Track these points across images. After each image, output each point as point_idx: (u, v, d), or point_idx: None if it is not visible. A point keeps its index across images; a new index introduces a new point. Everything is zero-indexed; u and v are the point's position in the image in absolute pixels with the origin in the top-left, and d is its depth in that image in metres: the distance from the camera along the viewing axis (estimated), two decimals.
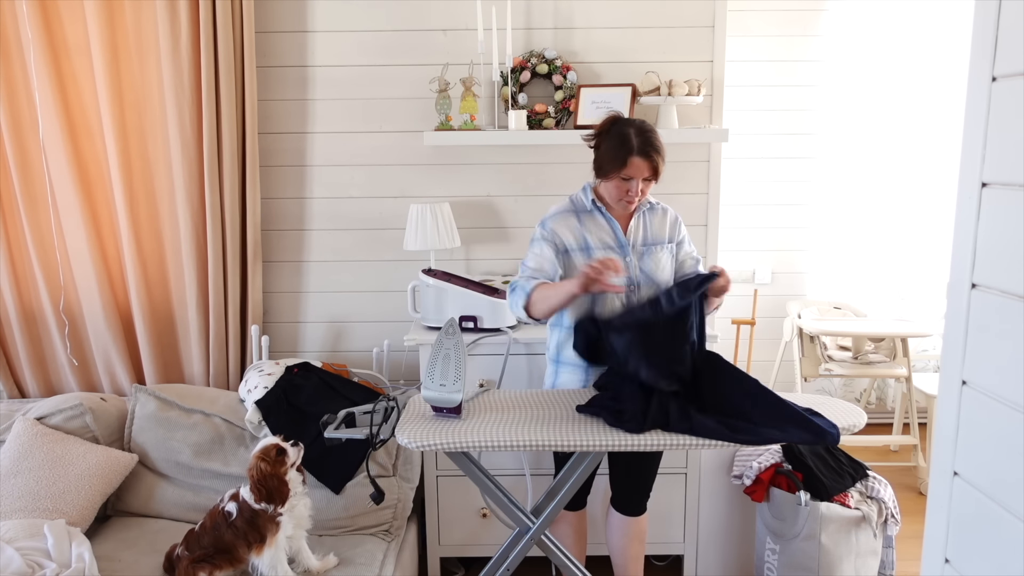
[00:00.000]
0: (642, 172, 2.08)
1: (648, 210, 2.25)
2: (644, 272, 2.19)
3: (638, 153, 2.06)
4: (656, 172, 2.10)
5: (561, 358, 2.25)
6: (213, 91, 2.74)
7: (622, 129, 2.09)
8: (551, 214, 2.22)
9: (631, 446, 1.84)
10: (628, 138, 2.07)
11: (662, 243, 2.24)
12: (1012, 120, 0.95)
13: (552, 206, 2.26)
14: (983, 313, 1.02)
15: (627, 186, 2.10)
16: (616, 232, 2.19)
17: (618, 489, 2.37)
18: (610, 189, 2.14)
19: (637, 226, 2.22)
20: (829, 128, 3.86)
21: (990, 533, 1.01)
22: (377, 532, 2.47)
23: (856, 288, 3.99)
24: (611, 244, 2.18)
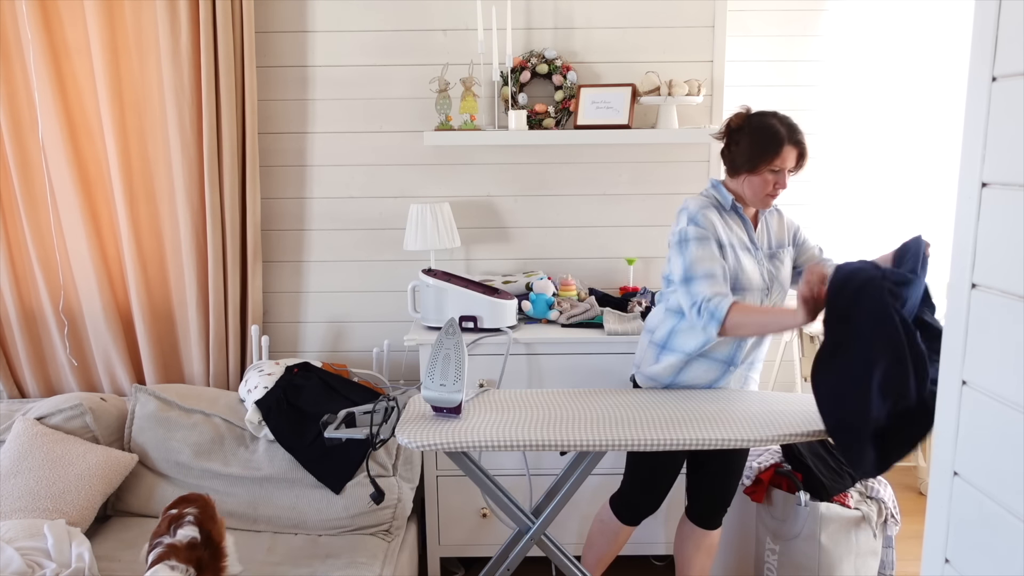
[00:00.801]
0: (791, 161, 2.07)
1: (767, 215, 2.22)
2: (774, 276, 2.17)
3: (789, 141, 2.05)
4: (804, 155, 2.09)
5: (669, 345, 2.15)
6: (213, 91, 2.74)
7: (764, 121, 2.08)
8: (697, 208, 2.08)
9: (633, 445, 1.84)
10: (775, 128, 2.06)
11: (784, 246, 2.22)
12: (1012, 120, 0.95)
13: (688, 201, 2.12)
14: (983, 313, 1.02)
15: (776, 178, 2.07)
16: (751, 234, 2.16)
17: (697, 500, 2.27)
18: (755, 184, 2.08)
19: (763, 229, 2.20)
20: (829, 128, 3.86)
21: (990, 533, 1.01)
22: (377, 532, 2.47)
23: None
24: (747, 245, 2.14)
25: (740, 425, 1.88)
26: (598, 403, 2.08)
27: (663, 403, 2.06)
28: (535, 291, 2.76)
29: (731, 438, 1.82)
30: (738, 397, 2.12)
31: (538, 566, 2.56)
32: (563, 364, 2.62)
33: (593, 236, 3.03)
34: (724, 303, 1.95)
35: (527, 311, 2.74)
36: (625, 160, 2.97)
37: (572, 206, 3.01)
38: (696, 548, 2.30)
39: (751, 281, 2.11)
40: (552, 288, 2.78)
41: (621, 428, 1.89)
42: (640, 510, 2.25)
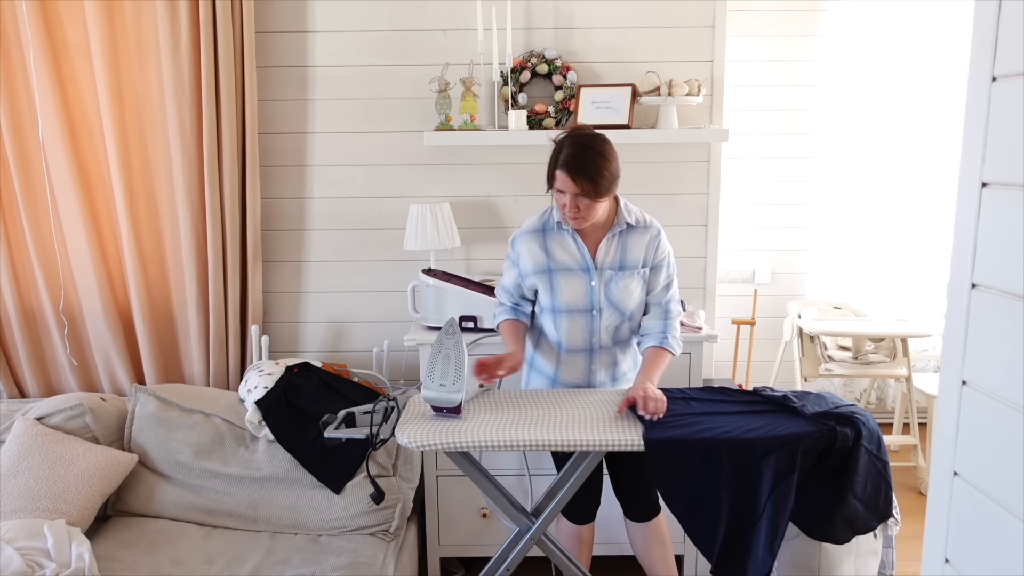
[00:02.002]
0: (569, 188, 1.99)
1: (625, 230, 2.15)
2: (609, 299, 2.14)
3: (561, 167, 1.99)
4: (585, 191, 1.97)
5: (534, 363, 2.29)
6: (213, 91, 2.74)
7: (563, 143, 2.03)
8: (519, 232, 2.22)
9: (631, 446, 1.84)
10: (560, 151, 2.01)
11: (635, 267, 2.14)
12: (1012, 120, 0.95)
13: (527, 218, 2.24)
14: (983, 313, 1.02)
15: (563, 200, 2.03)
16: (583, 254, 2.13)
17: (622, 498, 2.33)
18: (557, 201, 2.09)
19: (608, 248, 2.14)
20: (829, 128, 3.86)
21: (990, 533, 1.01)
22: (377, 532, 2.47)
23: (856, 288, 3.99)
24: (573, 266, 2.13)
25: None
26: (598, 403, 2.08)
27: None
28: None
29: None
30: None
31: (538, 566, 2.56)
32: None
33: None
34: (496, 319, 2.28)
35: None
36: (625, 160, 2.93)
37: None
38: (645, 541, 2.35)
39: (572, 302, 2.14)
40: None
41: (622, 428, 1.89)
42: (584, 506, 2.31)
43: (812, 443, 1.88)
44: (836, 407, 2.00)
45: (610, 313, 2.15)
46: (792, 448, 1.85)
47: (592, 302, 2.14)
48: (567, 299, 2.14)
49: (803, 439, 1.87)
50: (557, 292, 2.14)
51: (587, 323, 2.15)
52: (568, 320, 2.16)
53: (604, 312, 2.15)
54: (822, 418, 1.94)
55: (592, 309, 2.14)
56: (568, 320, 2.16)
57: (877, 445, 1.94)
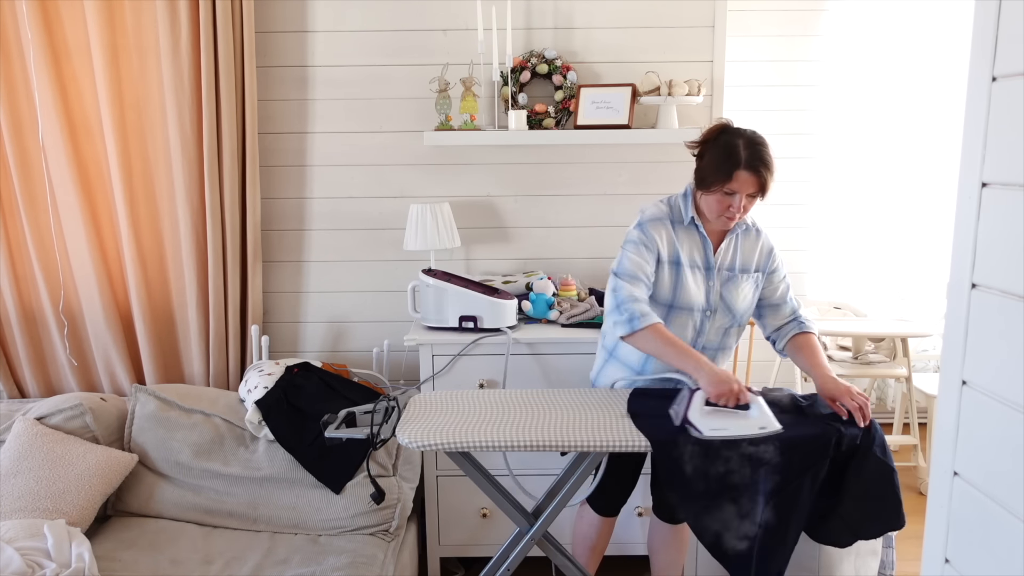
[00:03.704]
0: (748, 187, 1.97)
1: (743, 232, 2.14)
2: (724, 300, 2.12)
3: (746, 167, 1.94)
4: (763, 188, 1.98)
5: (616, 354, 2.20)
6: (213, 91, 2.74)
7: (731, 139, 1.99)
8: (648, 217, 2.10)
9: (635, 447, 1.84)
10: (736, 149, 1.96)
11: (749, 271, 2.13)
12: (1012, 120, 0.95)
13: (647, 205, 2.15)
14: (983, 313, 1.02)
15: (729, 201, 1.99)
16: (707, 252, 2.10)
17: (659, 496, 2.31)
18: (711, 203, 2.02)
19: (728, 248, 2.12)
20: (829, 128, 3.85)
21: (990, 533, 1.01)
22: (377, 532, 2.47)
23: (856, 288, 3.99)
24: (699, 263, 2.10)
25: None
26: (598, 403, 2.08)
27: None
28: (535, 291, 2.76)
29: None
30: None
31: (538, 566, 2.56)
32: (563, 364, 2.62)
33: (593, 236, 3.03)
34: (648, 319, 1.97)
35: (527, 311, 2.74)
36: (625, 160, 2.97)
37: (572, 206, 3.01)
38: (663, 542, 2.35)
39: (690, 300, 2.10)
40: (552, 288, 2.78)
41: (622, 428, 1.89)
42: (612, 500, 2.30)
43: (820, 445, 1.87)
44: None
45: (722, 314, 2.12)
46: (800, 450, 1.85)
47: (709, 302, 2.11)
48: (687, 295, 2.09)
49: (811, 441, 1.87)
50: (681, 287, 2.08)
51: (698, 322, 2.12)
52: (679, 317, 2.10)
53: (717, 313, 2.12)
54: (828, 419, 1.94)
55: (707, 309, 2.11)
56: (679, 317, 2.10)
57: (883, 450, 1.93)
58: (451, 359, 2.62)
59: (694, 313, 2.11)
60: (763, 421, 1.84)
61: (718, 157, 1.99)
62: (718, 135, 2.03)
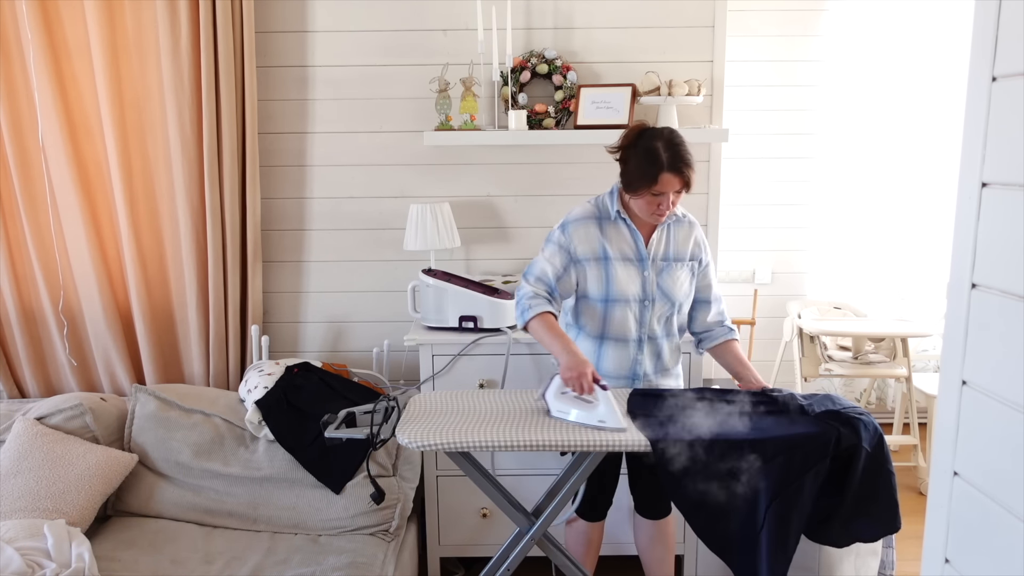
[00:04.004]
0: (673, 187, 2.03)
1: (674, 223, 2.20)
2: (661, 288, 2.17)
3: (669, 169, 2.00)
4: (688, 185, 2.04)
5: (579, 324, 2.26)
6: (213, 91, 2.74)
7: (650, 143, 2.03)
8: (572, 218, 2.19)
9: (632, 446, 1.84)
10: (657, 153, 2.00)
11: (683, 260, 2.20)
12: (1012, 120, 0.95)
13: (576, 207, 2.22)
14: (983, 313, 1.02)
15: (658, 200, 2.05)
16: (638, 244, 2.16)
17: (638, 493, 2.35)
18: (640, 204, 2.09)
19: (659, 239, 2.18)
20: (829, 128, 3.86)
21: (990, 533, 1.01)
22: (377, 532, 2.47)
23: (856, 288, 3.99)
24: (630, 256, 2.15)
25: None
26: None
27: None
28: None
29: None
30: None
31: (538, 566, 2.56)
32: None
33: None
34: (534, 310, 2.08)
35: None
36: None
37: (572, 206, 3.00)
38: (650, 539, 2.37)
39: (624, 292, 2.14)
40: None
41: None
42: (597, 505, 2.33)
43: (820, 444, 1.87)
44: (842, 408, 1.99)
45: (662, 303, 2.17)
46: (800, 449, 1.85)
47: (646, 292, 2.16)
48: (621, 289, 2.14)
49: (811, 440, 1.87)
50: (612, 281, 2.14)
51: (638, 313, 2.16)
52: (619, 310, 2.16)
53: (656, 302, 2.17)
54: (827, 418, 1.94)
55: (645, 299, 2.16)
56: (619, 310, 2.16)
57: (879, 448, 1.93)
58: (451, 359, 2.62)
59: (631, 304, 2.16)
60: (605, 416, 1.89)
61: (641, 162, 2.03)
62: (637, 139, 2.06)
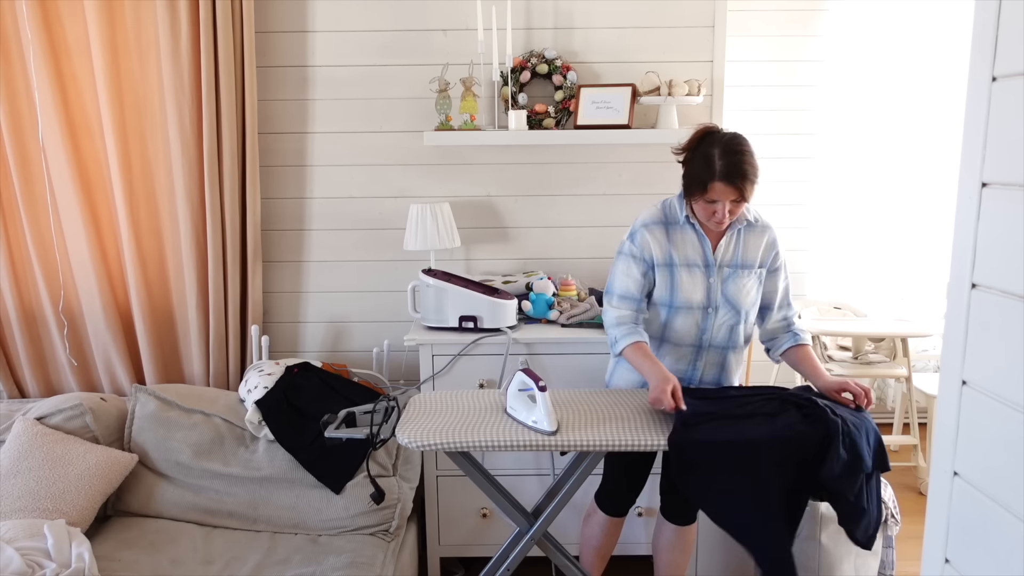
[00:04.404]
0: (726, 196, 1.97)
1: (744, 228, 2.13)
2: (726, 296, 2.12)
3: (720, 178, 1.95)
4: (743, 196, 1.98)
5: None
6: (213, 91, 2.74)
7: (708, 148, 1.98)
8: (641, 223, 2.14)
9: (637, 446, 1.84)
10: (712, 160, 1.96)
11: (751, 267, 2.13)
12: (1012, 120, 0.95)
13: (643, 211, 2.17)
14: (983, 313, 1.02)
15: (713, 208, 2.00)
16: (705, 250, 2.11)
17: (667, 497, 2.32)
18: (698, 209, 2.04)
19: (727, 245, 2.12)
20: (829, 128, 3.86)
21: (990, 533, 1.01)
22: (377, 532, 2.47)
23: (856, 288, 3.99)
24: (697, 262, 2.11)
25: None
26: (598, 403, 2.08)
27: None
28: (535, 291, 2.76)
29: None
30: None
31: (538, 566, 2.56)
32: (563, 364, 2.62)
33: (593, 236, 3.03)
34: (624, 342, 2.09)
35: (527, 311, 2.74)
36: (625, 160, 2.97)
37: (572, 206, 3.01)
38: (668, 544, 2.35)
39: (689, 299, 2.11)
40: (552, 288, 2.78)
41: (621, 428, 1.89)
42: (621, 500, 2.30)
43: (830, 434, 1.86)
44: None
45: (726, 311, 2.13)
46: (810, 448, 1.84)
47: (710, 299, 2.12)
48: (686, 295, 2.11)
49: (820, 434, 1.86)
50: (677, 287, 2.11)
51: (701, 320, 2.13)
52: (682, 316, 2.13)
53: (720, 310, 2.13)
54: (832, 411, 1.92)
55: (708, 306, 2.12)
56: (682, 316, 2.13)
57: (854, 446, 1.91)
58: (451, 359, 2.62)
59: (695, 311, 2.12)
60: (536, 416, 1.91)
61: (696, 168, 2.00)
62: (699, 143, 2.03)
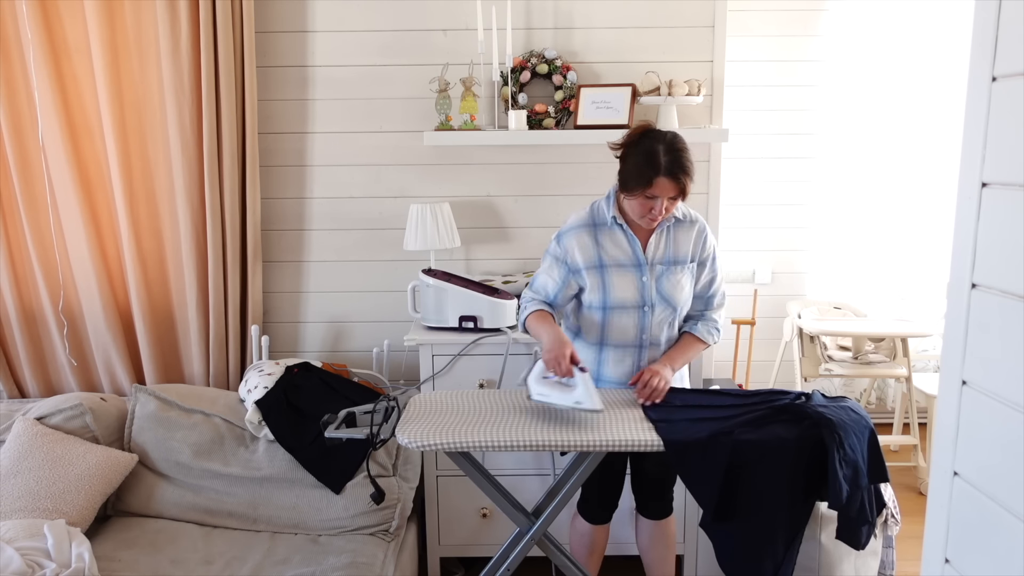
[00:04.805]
0: (668, 192, 2.00)
1: (673, 224, 2.15)
2: (660, 293, 2.14)
3: (665, 173, 1.97)
4: (683, 192, 2.01)
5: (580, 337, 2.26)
6: (213, 91, 2.74)
7: (651, 145, 1.99)
8: (567, 227, 2.17)
9: (633, 445, 1.84)
10: (656, 156, 1.97)
11: (683, 262, 2.15)
12: (1012, 120, 0.95)
13: (572, 214, 2.20)
14: (983, 313, 1.02)
15: (651, 204, 2.02)
16: (635, 250, 2.13)
17: (638, 494, 2.35)
18: (633, 205, 2.05)
19: (658, 243, 2.14)
20: (829, 128, 3.86)
21: (990, 533, 1.01)
22: (377, 532, 2.47)
23: (856, 288, 3.99)
24: (625, 262, 2.13)
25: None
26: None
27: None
28: None
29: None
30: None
31: (538, 566, 2.56)
32: None
33: None
34: (529, 309, 2.17)
35: None
36: None
37: (572, 206, 2.99)
38: (650, 539, 2.37)
39: (622, 299, 2.12)
40: None
41: (622, 428, 1.89)
42: (599, 507, 2.32)
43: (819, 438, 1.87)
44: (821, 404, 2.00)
45: (662, 308, 2.14)
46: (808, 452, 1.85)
47: (644, 298, 2.13)
48: (619, 295, 2.12)
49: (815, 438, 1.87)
50: (609, 288, 2.12)
51: (638, 319, 2.14)
52: (618, 317, 2.14)
53: (656, 307, 2.14)
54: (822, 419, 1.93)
55: (644, 305, 2.13)
56: (618, 317, 2.14)
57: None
58: (451, 359, 2.62)
59: (630, 311, 2.14)
60: (581, 398, 1.91)
61: (639, 163, 2.01)
62: (639, 139, 2.04)
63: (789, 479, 1.86)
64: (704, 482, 1.87)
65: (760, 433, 1.88)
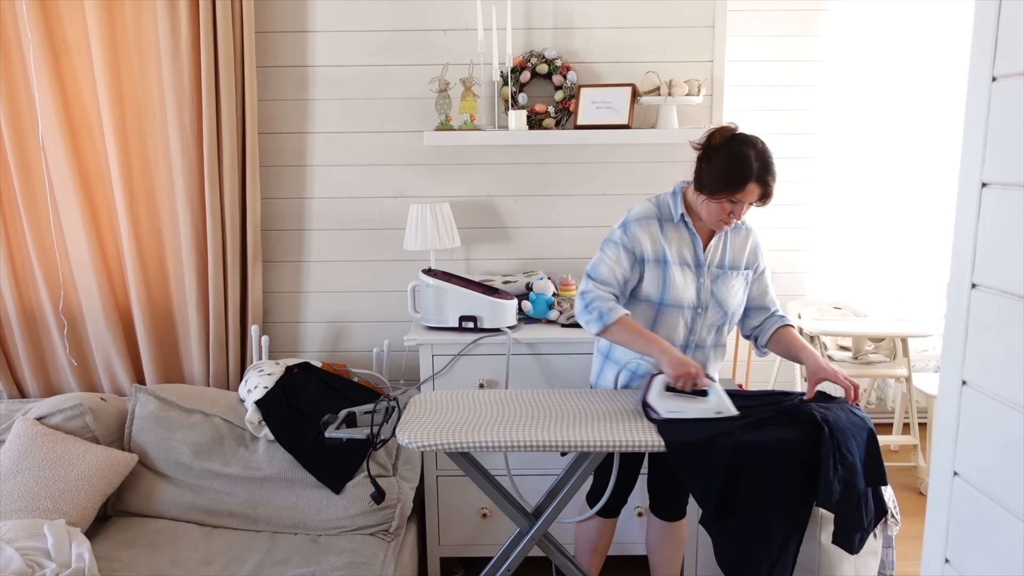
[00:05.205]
0: (753, 197, 1.99)
1: (732, 229, 2.15)
2: (715, 296, 2.13)
3: (756, 179, 1.96)
4: (768, 197, 2.00)
5: (611, 355, 2.23)
6: (213, 91, 2.74)
7: (742, 149, 1.97)
8: (634, 216, 2.12)
9: (634, 446, 1.84)
10: (748, 161, 1.95)
11: (738, 268, 2.15)
12: (1012, 120, 0.95)
13: (635, 205, 2.16)
14: (983, 313, 1.02)
15: (732, 208, 2.00)
16: (697, 250, 2.12)
17: (655, 494, 2.34)
18: (712, 208, 2.02)
19: (717, 246, 2.13)
20: (829, 128, 3.86)
21: (990, 533, 1.01)
22: (377, 532, 2.47)
23: (856, 288, 3.99)
24: (688, 261, 2.11)
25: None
26: (598, 403, 2.08)
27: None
28: (535, 291, 2.76)
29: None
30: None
31: (538, 566, 2.56)
32: (563, 364, 2.62)
33: (593, 236, 3.02)
34: (616, 313, 2.02)
35: (527, 311, 2.74)
36: (625, 160, 2.97)
37: (572, 206, 3.01)
38: (660, 539, 2.38)
39: (679, 298, 2.10)
40: (552, 288, 2.78)
41: (622, 428, 1.89)
42: (611, 501, 2.30)
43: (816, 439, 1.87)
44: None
45: (714, 311, 2.13)
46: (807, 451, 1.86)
47: (699, 299, 2.12)
48: (676, 293, 2.10)
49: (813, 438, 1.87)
50: (668, 285, 2.10)
51: (689, 319, 2.13)
52: (670, 314, 2.12)
53: (709, 310, 2.13)
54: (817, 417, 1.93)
55: (698, 306, 2.12)
56: (670, 314, 2.12)
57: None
58: (451, 359, 2.62)
59: (684, 311, 2.12)
60: (719, 406, 1.92)
61: (729, 167, 1.98)
62: (728, 142, 2.01)
63: (788, 480, 1.86)
64: (704, 483, 1.86)
65: (761, 434, 1.88)
